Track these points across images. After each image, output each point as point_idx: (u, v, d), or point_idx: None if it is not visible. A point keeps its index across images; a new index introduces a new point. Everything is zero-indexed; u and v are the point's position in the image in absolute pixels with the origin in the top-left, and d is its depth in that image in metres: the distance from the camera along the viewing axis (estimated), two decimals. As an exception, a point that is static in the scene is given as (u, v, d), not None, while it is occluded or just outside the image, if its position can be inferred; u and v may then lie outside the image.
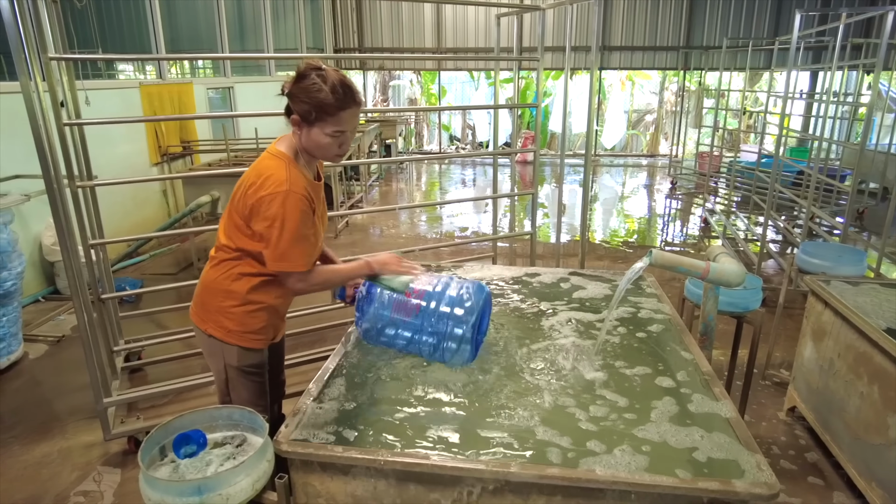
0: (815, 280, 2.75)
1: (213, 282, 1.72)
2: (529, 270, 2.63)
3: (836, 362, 2.53)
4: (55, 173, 2.31)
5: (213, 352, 1.77)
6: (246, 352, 1.76)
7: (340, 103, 1.57)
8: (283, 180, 1.56)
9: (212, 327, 1.74)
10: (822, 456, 2.68)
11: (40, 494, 2.49)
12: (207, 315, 1.75)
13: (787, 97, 4.67)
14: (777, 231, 6.66)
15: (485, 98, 14.52)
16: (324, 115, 1.58)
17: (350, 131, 1.64)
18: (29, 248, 4.44)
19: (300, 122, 1.60)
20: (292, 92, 1.59)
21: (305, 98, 1.56)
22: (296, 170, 1.62)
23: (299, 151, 1.67)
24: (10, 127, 4.23)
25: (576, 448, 1.40)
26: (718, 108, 8.46)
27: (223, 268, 1.71)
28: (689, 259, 1.82)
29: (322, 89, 1.55)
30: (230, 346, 1.74)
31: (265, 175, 1.58)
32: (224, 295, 1.71)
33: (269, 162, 1.61)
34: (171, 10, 7.93)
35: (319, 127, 1.60)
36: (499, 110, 4.25)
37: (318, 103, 1.56)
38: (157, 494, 1.24)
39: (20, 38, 2.10)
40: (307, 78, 1.56)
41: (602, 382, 1.69)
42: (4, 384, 3.38)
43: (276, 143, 1.69)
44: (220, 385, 1.82)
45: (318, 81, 1.55)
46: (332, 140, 1.62)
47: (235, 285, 1.70)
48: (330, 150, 1.65)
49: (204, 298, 1.76)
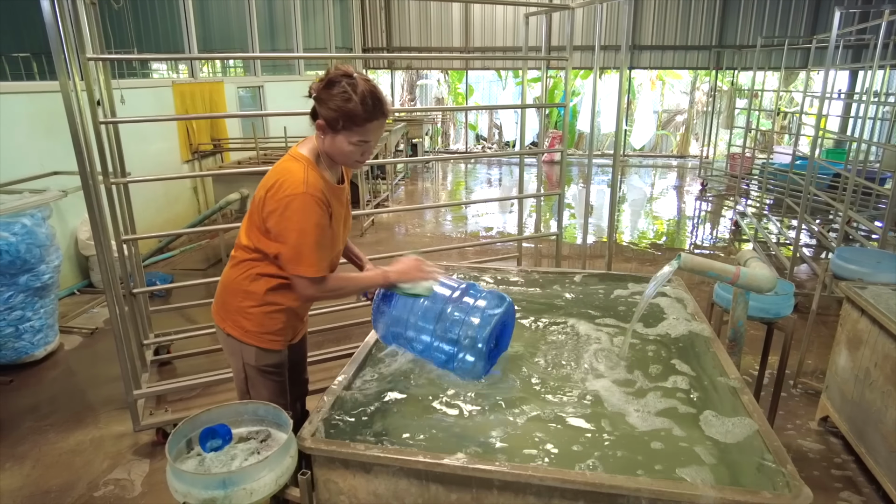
0: (851, 286, 2.66)
1: (233, 281, 1.74)
2: (560, 270, 2.60)
3: (872, 372, 2.45)
4: (91, 170, 2.38)
5: (233, 351, 1.79)
6: (264, 352, 1.76)
7: (369, 115, 1.56)
8: (299, 182, 1.55)
9: (230, 326, 1.75)
10: (857, 469, 2.60)
11: (74, 481, 2.57)
12: (227, 314, 1.76)
13: (825, 97, 4.53)
14: (811, 235, 6.48)
15: (512, 97, 14.44)
16: (351, 124, 1.56)
17: (374, 141, 1.63)
18: (65, 243, 4.58)
19: (325, 127, 1.59)
20: (320, 97, 1.57)
21: (333, 106, 1.54)
22: (314, 172, 1.60)
23: (321, 154, 1.66)
24: (49, 125, 4.37)
25: (598, 453, 1.38)
26: (751, 109, 8.26)
27: (242, 268, 1.72)
28: (719, 263, 1.78)
29: (351, 98, 1.53)
30: (248, 346, 1.75)
31: (283, 177, 1.57)
32: (243, 295, 1.72)
33: (288, 164, 1.61)
34: (204, 10, 8.09)
35: (344, 135, 1.58)
36: (525, 110, 4.22)
37: (346, 112, 1.54)
38: (184, 486, 1.27)
39: (60, 40, 2.15)
40: (337, 85, 1.54)
41: (626, 387, 1.67)
42: (42, 373, 3.50)
43: (298, 145, 1.69)
44: (240, 384, 1.83)
45: (349, 90, 1.53)
46: (355, 149, 1.61)
47: (254, 286, 1.70)
48: (351, 157, 1.64)
49: (224, 297, 1.77)
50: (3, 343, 3.40)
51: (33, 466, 2.66)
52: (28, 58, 6.28)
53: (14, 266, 3.30)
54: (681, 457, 1.36)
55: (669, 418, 1.52)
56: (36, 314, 3.49)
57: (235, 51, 8.43)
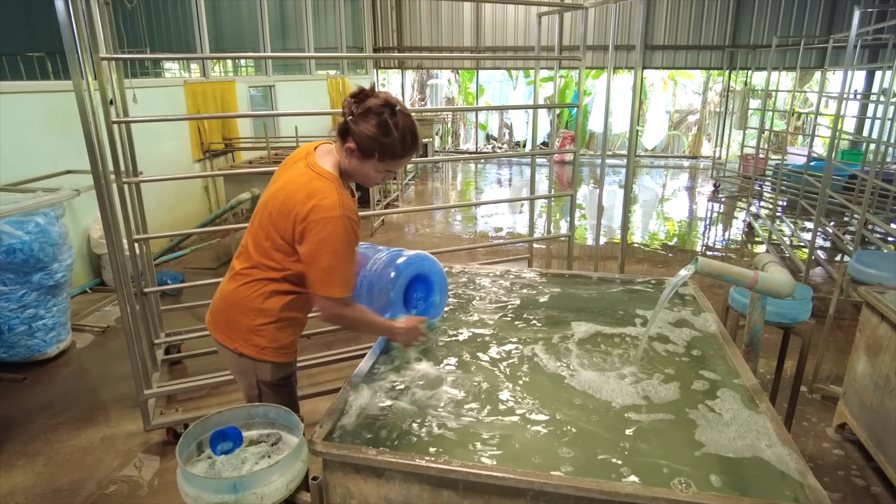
0: (871, 291, 2.61)
1: (243, 300, 1.68)
2: (575, 272, 2.58)
3: (892, 379, 2.40)
4: (103, 169, 2.38)
5: (244, 370, 1.74)
6: (278, 367, 1.75)
7: (405, 151, 1.58)
8: (336, 205, 1.53)
9: (242, 346, 1.70)
10: (876, 478, 2.55)
11: (85, 479, 2.58)
12: (236, 334, 1.71)
13: (843, 98, 4.46)
14: (826, 238, 6.39)
15: (523, 97, 14.38)
16: (385, 157, 1.57)
17: (399, 170, 1.65)
18: (78, 241, 4.61)
19: (356, 151, 1.57)
20: (358, 122, 1.54)
21: (371, 135, 1.53)
22: (345, 193, 1.59)
23: (342, 172, 1.64)
24: (63, 124, 4.40)
25: (613, 460, 1.36)
26: (765, 109, 8.16)
27: (255, 287, 1.67)
28: (737, 268, 1.74)
29: (391, 134, 1.53)
30: (263, 363, 1.72)
31: (317, 198, 1.53)
32: (255, 313, 1.68)
33: (319, 184, 1.56)
34: (216, 10, 8.13)
35: (374, 164, 1.58)
36: (537, 110, 4.19)
37: (382, 146, 1.54)
38: (194, 490, 1.26)
39: (74, 40, 2.16)
40: (379, 116, 1.53)
41: (641, 393, 1.64)
42: (54, 371, 3.52)
43: (318, 157, 1.64)
44: (252, 400, 1.78)
45: (391, 125, 1.53)
46: (379, 175, 1.63)
47: (268, 303, 1.67)
48: (374, 181, 1.66)
49: (231, 316, 1.71)
50: (17, 341, 3.42)
51: (45, 464, 2.68)
52: (43, 57, 6.36)
53: (27, 264, 3.32)
54: (697, 465, 1.34)
55: (682, 424, 1.49)
56: (49, 312, 3.52)
57: (247, 50, 8.48)
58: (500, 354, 1.87)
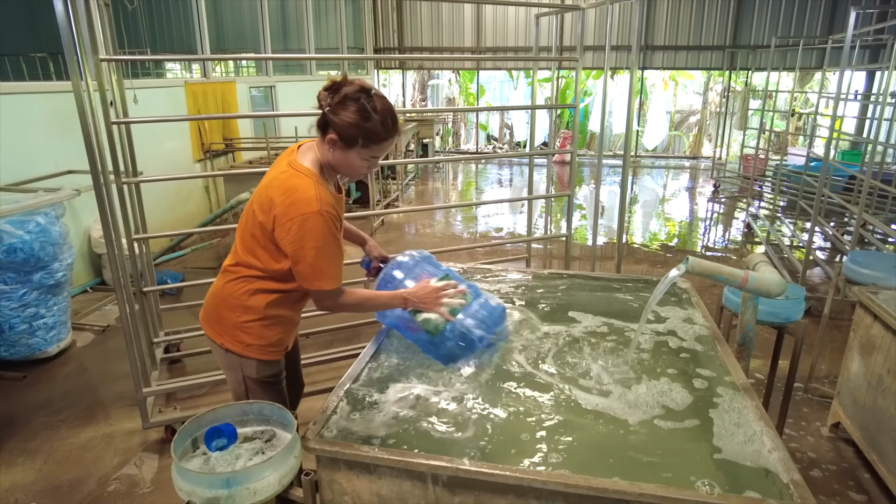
0: (864, 291, 2.62)
1: (230, 297, 1.71)
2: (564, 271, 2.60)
3: (885, 378, 2.41)
4: (102, 170, 2.40)
5: (231, 365, 1.77)
6: (264, 364, 1.76)
7: (387, 133, 1.57)
8: (312, 200, 1.53)
9: (229, 342, 1.73)
10: (869, 476, 2.56)
11: (84, 476, 2.60)
12: (223, 330, 1.74)
13: (841, 98, 4.47)
14: (825, 238, 6.39)
15: (523, 97, 14.40)
16: (368, 142, 1.56)
17: (382, 156, 1.64)
18: (79, 241, 4.63)
19: (338, 142, 1.57)
20: (336, 112, 1.54)
21: (352, 122, 1.53)
22: (323, 188, 1.59)
23: (324, 166, 1.64)
24: (64, 124, 4.43)
25: (605, 459, 1.37)
26: (765, 110, 8.17)
27: (241, 284, 1.69)
28: (728, 267, 1.76)
29: (372, 118, 1.53)
30: (249, 359, 1.74)
31: (294, 196, 1.54)
32: (241, 310, 1.70)
33: (296, 181, 1.57)
34: (217, 11, 8.15)
35: (358, 151, 1.58)
36: (536, 110, 4.21)
37: (365, 131, 1.54)
38: (189, 485, 1.28)
39: (73, 41, 2.18)
40: (356, 102, 1.53)
41: (633, 392, 1.66)
42: (55, 370, 3.54)
43: (298, 155, 1.65)
44: (240, 396, 1.81)
45: (369, 109, 1.53)
46: (365, 163, 1.62)
47: (252, 300, 1.69)
48: (359, 171, 1.65)
49: (220, 312, 1.75)
50: (17, 339, 3.45)
51: (45, 461, 2.70)
52: (45, 58, 6.38)
53: (28, 264, 3.35)
54: (685, 463, 1.35)
55: (674, 422, 1.51)
56: (49, 311, 3.54)
57: (248, 51, 8.50)
58: (498, 354, 1.89)
